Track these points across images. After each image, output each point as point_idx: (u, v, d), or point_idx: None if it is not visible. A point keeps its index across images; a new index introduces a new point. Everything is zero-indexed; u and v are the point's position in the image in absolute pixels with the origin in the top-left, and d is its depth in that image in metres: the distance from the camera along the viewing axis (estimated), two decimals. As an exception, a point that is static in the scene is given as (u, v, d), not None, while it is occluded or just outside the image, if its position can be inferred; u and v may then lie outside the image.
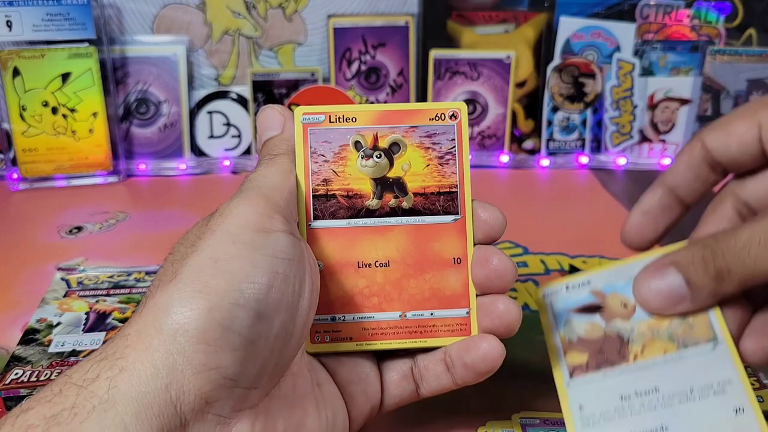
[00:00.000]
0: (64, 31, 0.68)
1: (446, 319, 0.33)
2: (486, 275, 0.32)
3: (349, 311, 0.32)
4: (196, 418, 0.25)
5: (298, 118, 0.32)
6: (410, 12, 0.75)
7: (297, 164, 0.32)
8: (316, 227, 0.32)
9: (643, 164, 0.76)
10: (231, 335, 0.25)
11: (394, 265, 0.32)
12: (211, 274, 0.25)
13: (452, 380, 0.33)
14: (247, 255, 0.26)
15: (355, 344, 0.33)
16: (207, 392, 0.24)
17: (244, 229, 0.27)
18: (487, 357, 0.31)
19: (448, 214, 0.32)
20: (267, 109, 0.33)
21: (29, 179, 0.70)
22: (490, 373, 0.32)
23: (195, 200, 0.69)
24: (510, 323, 0.32)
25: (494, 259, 0.32)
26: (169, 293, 0.25)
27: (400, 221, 0.32)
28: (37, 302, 0.48)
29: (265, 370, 0.27)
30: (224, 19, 0.74)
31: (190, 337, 0.24)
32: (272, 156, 0.31)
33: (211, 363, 0.24)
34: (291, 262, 0.27)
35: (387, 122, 0.32)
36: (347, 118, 0.32)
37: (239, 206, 0.27)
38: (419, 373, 0.34)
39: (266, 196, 0.28)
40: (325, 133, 0.32)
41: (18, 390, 0.39)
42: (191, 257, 0.26)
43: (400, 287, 0.32)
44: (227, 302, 0.25)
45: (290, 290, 0.27)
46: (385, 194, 0.32)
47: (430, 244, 0.32)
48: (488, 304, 0.32)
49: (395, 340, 0.33)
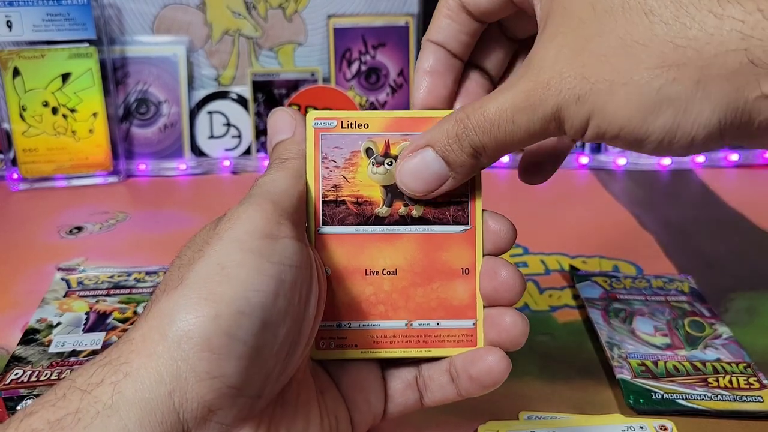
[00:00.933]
0: (64, 32, 0.68)
1: (452, 329, 0.32)
2: (494, 287, 0.32)
3: (355, 318, 0.32)
4: (199, 426, 0.24)
5: (309, 123, 0.32)
6: (410, 12, 0.75)
7: (307, 169, 0.31)
8: (325, 233, 0.32)
9: (643, 164, 0.76)
10: (236, 344, 0.24)
11: (402, 273, 0.32)
12: (217, 281, 0.25)
13: (456, 391, 0.33)
14: (253, 262, 0.26)
15: (360, 352, 0.32)
16: (210, 400, 0.24)
17: (252, 235, 0.26)
18: (493, 371, 0.31)
19: (457, 224, 0.32)
20: (278, 112, 0.32)
21: (29, 179, 0.70)
22: (494, 387, 0.32)
23: (195, 200, 0.69)
24: (516, 337, 0.31)
25: (503, 271, 0.32)
26: (175, 299, 0.25)
27: (409, 230, 0.32)
28: (37, 302, 0.48)
29: (269, 378, 0.26)
30: (224, 20, 0.74)
31: (194, 344, 0.24)
32: (282, 160, 0.31)
33: (215, 371, 0.24)
34: (298, 269, 0.27)
35: (399, 129, 0.32)
36: (359, 125, 0.32)
37: (248, 211, 0.27)
38: (423, 382, 0.33)
39: (275, 201, 0.28)
40: (336, 138, 0.32)
41: (18, 390, 0.39)
42: (198, 263, 0.26)
43: (406, 296, 0.32)
44: (233, 310, 0.25)
45: (297, 299, 0.27)
46: (395, 202, 0.32)
47: (439, 254, 0.32)
48: (495, 317, 0.32)
49: (400, 348, 0.32)
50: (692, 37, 0.23)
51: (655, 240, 0.59)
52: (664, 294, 0.50)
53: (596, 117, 0.25)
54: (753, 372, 0.41)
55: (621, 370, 0.41)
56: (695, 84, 0.23)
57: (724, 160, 0.77)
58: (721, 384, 0.40)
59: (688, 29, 0.23)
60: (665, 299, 0.49)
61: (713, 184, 0.72)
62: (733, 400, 0.39)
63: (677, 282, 0.51)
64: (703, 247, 0.58)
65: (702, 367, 0.42)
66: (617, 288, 0.50)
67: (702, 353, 0.43)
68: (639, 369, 0.42)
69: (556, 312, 0.49)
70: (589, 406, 0.39)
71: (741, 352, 0.43)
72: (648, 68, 0.24)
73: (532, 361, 0.43)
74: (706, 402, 0.39)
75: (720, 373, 0.41)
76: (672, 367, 0.42)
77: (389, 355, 0.33)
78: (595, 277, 0.52)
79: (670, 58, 0.23)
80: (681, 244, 0.59)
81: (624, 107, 0.25)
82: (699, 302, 0.49)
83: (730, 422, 0.39)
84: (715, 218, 0.64)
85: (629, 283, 0.51)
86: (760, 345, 0.45)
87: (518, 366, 0.35)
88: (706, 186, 0.72)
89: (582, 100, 0.25)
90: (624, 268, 0.55)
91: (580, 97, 0.25)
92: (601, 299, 0.49)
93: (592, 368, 0.43)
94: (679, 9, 0.23)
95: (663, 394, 0.40)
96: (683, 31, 0.23)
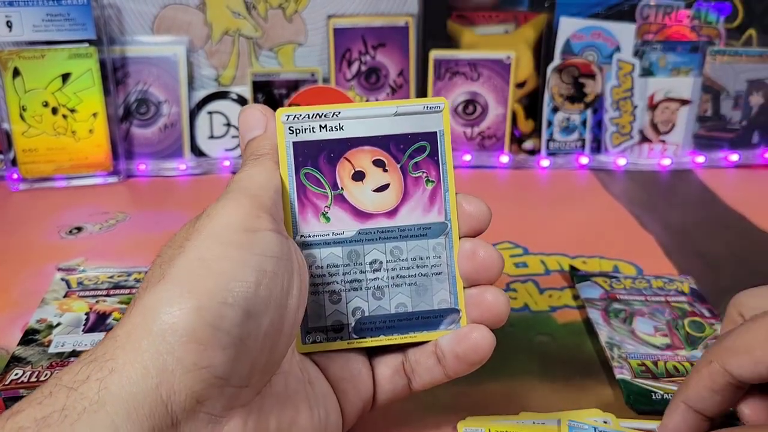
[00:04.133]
0: (64, 32, 0.68)
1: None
2: (474, 268, 0.33)
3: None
4: (188, 417, 0.25)
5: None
6: (410, 12, 0.75)
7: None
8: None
9: (643, 164, 0.76)
10: (220, 334, 0.25)
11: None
12: (199, 275, 0.25)
13: (444, 373, 0.33)
14: (234, 254, 0.26)
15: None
16: (198, 391, 0.25)
17: (231, 228, 0.27)
18: (479, 347, 0.32)
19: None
20: (248, 109, 0.33)
21: (29, 179, 0.70)
22: (480, 364, 0.32)
23: (195, 201, 0.69)
24: (499, 313, 0.32)
25: (481, 251, 0.33)
26: (158, 294, 0.25)
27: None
28: (37, 302, 0.48)
29: (255, 368, 0.27)
30: (224, 20, 0.74)
31: (179, 336, 0.24)
32: (257, 156, 0.31)
33: (202, 362, 0.24)
34: (279, 260, 0.27)
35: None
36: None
37: (226, 207, 0.28)
38: (410, 367, 0.34)
39: (253, 195, 0.29)
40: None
41: (18, 390, 0.39)
42: (179, 258, 0.26)
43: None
44: (216, 301, 0.25)
45: (278, 288, 0.27)
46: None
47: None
48: (477, 296, 0.33)
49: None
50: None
51: (655, 240, 0.59)
52: (664, 294, 0.50)
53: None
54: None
55: (621, 371, 0.41)
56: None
57: (724, 161, 0.77)
58: (721, 384, 0.40)
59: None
60: (665, 299, 0.49)
61: (713, 184, 0.72)
62: (733, 400, 0.39)
63: (677, 282, 0.51)
64: (703, 248, 0.58)
65: (702, 367, 0.42)
66: (617, 288, 0.50)
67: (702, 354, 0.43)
68: (639, 369, 0.42)
69: (556, 312, 0.49)
70: (589, 407, 0.39)
71: (741, 353, 0.43)
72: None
73: (532, 361, 0.43)
74: (706, 402, 0.39)
75: (720, 373, 0.41)
76: (672, 367, 0.42)
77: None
78: (595, 278, 0.52)
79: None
80: (681, 245, 0.59)
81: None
82: (699, 302, 0.49)
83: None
84: (715, 218, 0.64)
85: (629, 283, 0.51)
86: (760, 345, 0.45)
87: (518, 366, 0.35)
88: (706, 186, 0.72)
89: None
90: (624, 269, 0.55)
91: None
92: (601, 299, 0.49)
93: (592, 368, 0.43)
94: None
95: (663, 395, 0.40)
96: None
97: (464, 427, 0.37)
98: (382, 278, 0.33)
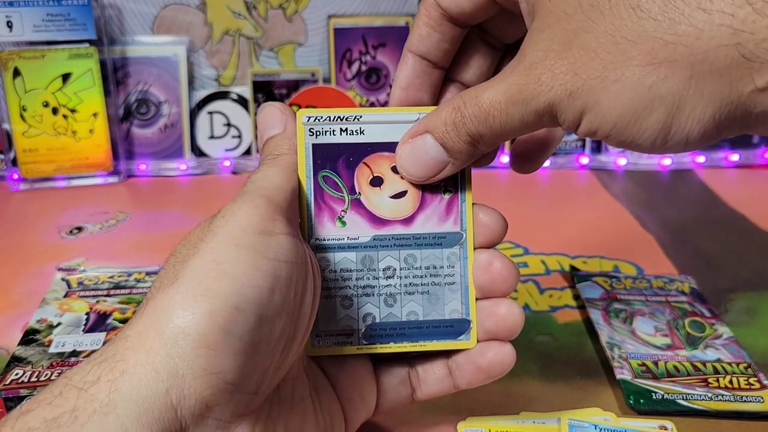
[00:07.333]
0: (64, 32, 0.68)
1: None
2: (489, 279, 0.32)
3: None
4: (197, 422, 0.24)
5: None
6: (410, 12, 0.75)
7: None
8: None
9: (644, 164, 0.76)
10: (232, 339, 0.24)
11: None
12: (213, 278, 0.25)
13: (453, 384, 0.33)
14: (249, 258, 0.26)
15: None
16: (207, 397, 0.24)
17: (247, 231, 0.26)
18: (505, 361, 0.33)
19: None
20: (268, 107, 0.32)
21: (30, 179, 0.70)
22: (500, 376, 0.33)
23: (195, 201, 0.69)
24: (513, 326, 0.32)
25: (497, 263, 0.32)
26: (171, 296, 0.25)
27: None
28: (37, 302, 0.48)
29: (266, 374, 0.26)
30: (225, 20, 0.74)
31: (191, 341, 0.24)
32: (274, 156, 0.31)
33: (212, 368, 0.24)
34: (293, 265, 0.27)
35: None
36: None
37: (242, 208, 0.27)
38: (417, 377, 0.34)
39: (269, 197, 0.28)
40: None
41: (18, 390, 0.39)
42: (193, 259, 0.26)
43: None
44: (229, 306, 0.25)
45: (292, 294, 0.27)
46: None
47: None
48: (490, 307, 0.33)
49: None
50: (682, 32, 0.23)
51: (655, 240, 0.59)
52: (664, 294, 0.50)
53: (589, 112, 0.25)
54: (753, 372, 0.41)
55: (621, 371, 0.41)
56: (687, 80, 0.23)
57: (724, 160, 0.77)
58: (721, 384, 0.40)
59: (677, 25, 0.23)
60: (665, 299, 0.49)
61: (713, 184, 0.72)
62: (733, 400, 0.39)
63: (677, 282, 0.51)
64: (703, 247, 0.58)
65: (702, 367, 0.42)
66: (617, 288, 0.50)
67: (702, 353, 0.43)
68: (639, 369, 0.41)
69: (556, 312, 0.49)
70: (589, 407, 0.39)
71: (741, 353, 0.43)
72: (639, 65, 0.24)
73: (532, 361, 0.43)
74: (706, 402, 0.39)
75: (720, 373, 0.41)
76: (672, 367, 0.42)
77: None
78: (595, 278, 0.52)
79: (661, 55, 0.23)
80: (681, 245, 0.59)
81: (616, 103, 0.24)
82: (699, 302, 0.49)
83: (731, 422, 0.39)
84: (715, 218, 0.64)
85: (629, 283, 0.51)
86: (760, 345, 0.45)
87: (518, 366, 0.35)
88: (706, 186, 0.72)
89: (574, 95, 0.25)
90: (624, 269, 0.55)
91: (572, 93, 0.25)
92: (602, 299, 0.49)
93: (592, 368, 0.43)
94: (667, 4, 0.23)
95: (663, 395, 0.39)
96: (672, 26, 0.23)
97: (464, 427, 0.37)
98: (394, 285, 0.32)
